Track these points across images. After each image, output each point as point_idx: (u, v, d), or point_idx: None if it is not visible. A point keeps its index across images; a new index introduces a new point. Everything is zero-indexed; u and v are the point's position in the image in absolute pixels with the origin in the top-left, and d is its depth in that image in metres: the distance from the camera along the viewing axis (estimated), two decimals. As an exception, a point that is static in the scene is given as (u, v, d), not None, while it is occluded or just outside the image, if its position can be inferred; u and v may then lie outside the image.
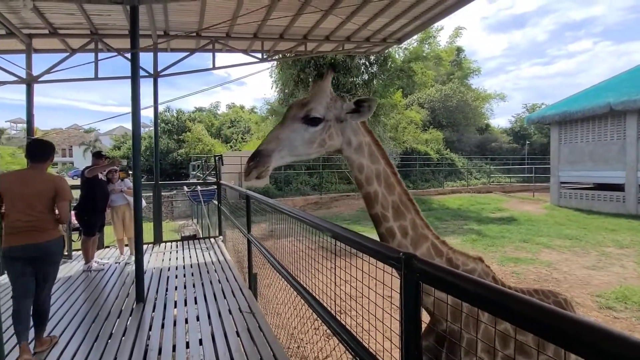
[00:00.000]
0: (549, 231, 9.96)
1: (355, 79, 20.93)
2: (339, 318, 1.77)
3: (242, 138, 28.34)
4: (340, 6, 4.95)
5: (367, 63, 20.92)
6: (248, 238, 3.71)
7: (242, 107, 43.36)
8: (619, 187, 13.08)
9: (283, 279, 2.58)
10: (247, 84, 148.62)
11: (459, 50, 30.74)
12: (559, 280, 6.36)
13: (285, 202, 15.03)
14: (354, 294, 1.69)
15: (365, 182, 1.54)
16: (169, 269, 4.73)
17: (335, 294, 1.88)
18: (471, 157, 25.84)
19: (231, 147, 27.80)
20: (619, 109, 12.54)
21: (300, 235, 2.30)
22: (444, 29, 62.81)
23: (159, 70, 6.26)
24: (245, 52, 6.55)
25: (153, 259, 5.29)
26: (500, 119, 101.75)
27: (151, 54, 6.30)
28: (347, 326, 1.66)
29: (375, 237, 1.49)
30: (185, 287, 4.02)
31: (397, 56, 20.47)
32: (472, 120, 28.91)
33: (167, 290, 3.94)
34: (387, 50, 18.72)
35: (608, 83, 14.87)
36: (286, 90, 22.51)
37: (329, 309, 1.87)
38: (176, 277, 4.41)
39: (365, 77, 21.49)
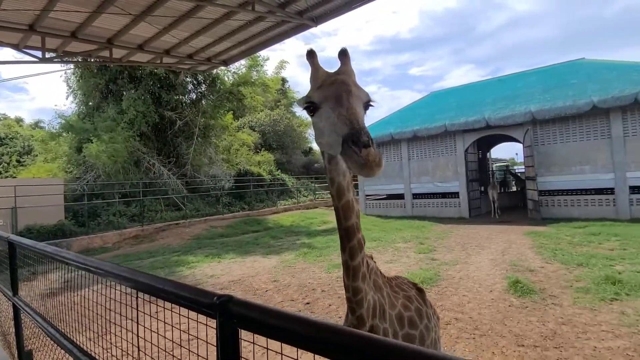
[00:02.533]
0: (360, 236, 12.01)
1: (181, 97, 19.57)
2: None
3: (17, 161, 21.07)
4: (155, 14, 4.42)
5: (194, 82, 19.98)
6: (14, 303, 2.58)
7: (18, 120, 32.73)
8: (401, 196, 17.41)
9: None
10: (27, 91, 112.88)
11: (284, 80, 33.98)
12: (371, 277, 7.66)
13: (91, 241, 12.09)
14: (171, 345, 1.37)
15: (346, 189, 1.31)
16: None
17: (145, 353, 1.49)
18: (299, 177, 28.57)
19: None
20: (396, 137, 16.90)
21: (109, 281, 1.82)
22: (270, 60, 68.37)
23: None
24: (16, 47, 4.87)
25: None
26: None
27: None
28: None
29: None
30: None
31: (226, 79, 20.52)
32: (298, 143, 32.19)
33: None
34: (215, 71, 18.49)
35: (390, 118, 19.81)
36: (90, 103, 18.63)
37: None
38: None
39: (193, 96, 20.46)
